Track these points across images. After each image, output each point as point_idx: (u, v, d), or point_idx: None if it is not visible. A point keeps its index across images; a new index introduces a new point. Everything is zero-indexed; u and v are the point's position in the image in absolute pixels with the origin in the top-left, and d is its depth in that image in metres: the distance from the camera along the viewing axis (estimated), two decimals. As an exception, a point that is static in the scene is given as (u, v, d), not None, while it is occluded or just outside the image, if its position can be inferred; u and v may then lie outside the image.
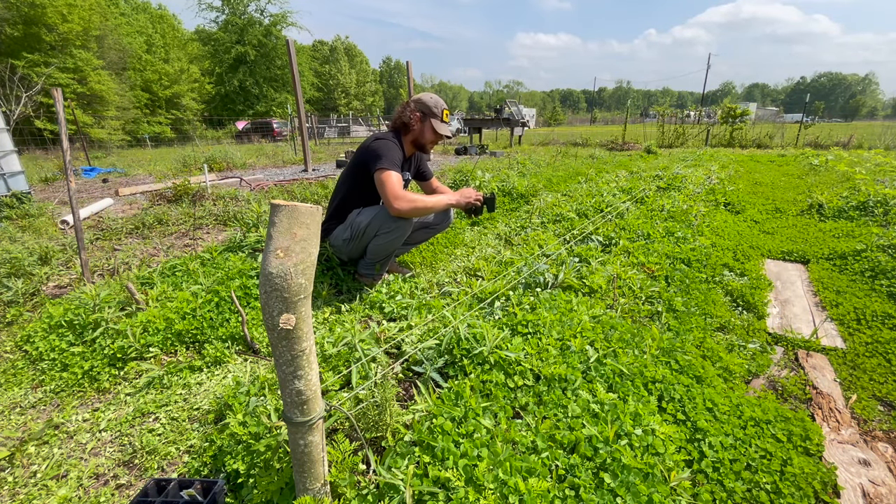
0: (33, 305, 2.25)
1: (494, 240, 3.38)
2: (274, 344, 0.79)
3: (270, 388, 1.35)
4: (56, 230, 3.74)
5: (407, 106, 2.29)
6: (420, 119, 2.26)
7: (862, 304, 2.17)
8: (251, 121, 25.68)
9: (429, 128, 2.27)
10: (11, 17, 18.70)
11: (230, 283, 2.06)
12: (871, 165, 6.33)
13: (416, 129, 2.28)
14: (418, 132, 2.29)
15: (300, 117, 7.85)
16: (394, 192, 2.04)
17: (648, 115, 42.64)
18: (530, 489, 0.94)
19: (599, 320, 1.73)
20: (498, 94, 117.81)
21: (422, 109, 2.26)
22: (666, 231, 3.09)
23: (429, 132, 2.28)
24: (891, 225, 3.36)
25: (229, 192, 4.91)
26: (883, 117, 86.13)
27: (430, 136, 2.29)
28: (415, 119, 2.26)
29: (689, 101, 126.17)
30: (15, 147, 4.63)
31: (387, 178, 2.05)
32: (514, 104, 15.79)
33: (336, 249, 2.38)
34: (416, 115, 2.26)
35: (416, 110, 2.26)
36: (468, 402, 1.21)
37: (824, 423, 1.42)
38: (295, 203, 0.72)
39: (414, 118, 2.25)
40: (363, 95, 51.72)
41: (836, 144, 12.35)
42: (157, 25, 30.79)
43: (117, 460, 1.29)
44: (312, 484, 0.93)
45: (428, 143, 2.33)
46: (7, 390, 1.62)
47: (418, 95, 2.30)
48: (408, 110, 2.26)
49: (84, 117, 19.27)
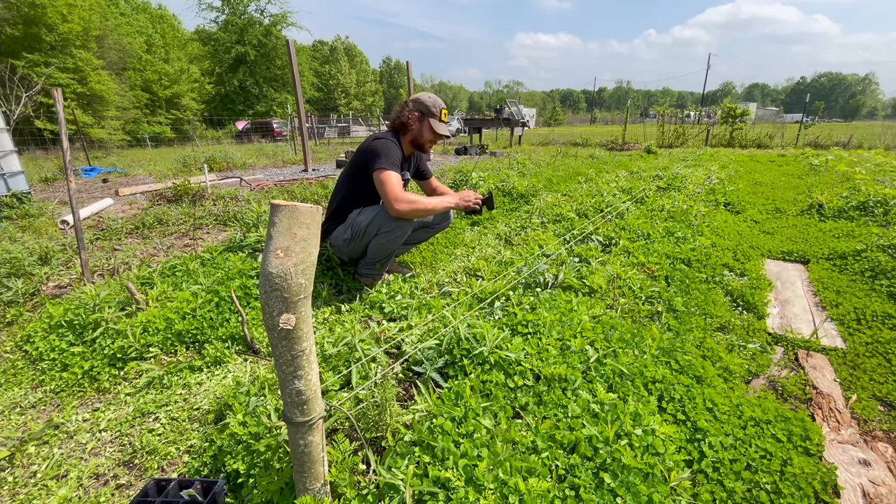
0: (33, 305, 2.25)
1: (494, 240, 3.38)
2: (274, 344, 0.79)
3: (270, 388, 1.35)
4: (56, 230, 3.74)
5: (406, 105, 2.28)
6: (418, 119, 2.26)
7: (862, 304, 2.17)
8: (251, 121, 25.67)
9: (427, 127, 2.26)
10: (11, 17, 18.71)
11: (230, 283, 2.06)
12: (871, 165, 6.33)
13: (415, 129, 2.27)
14: (417, 132, 2.28)
15: (300, 117, 7.85)
16: (393, 192, 2.04)
17: (648, 115, 42.63)
18: (530, 489, 0.94)
19: (599, 320, 1.73)
20: (498, 94, 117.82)
21: (420, 109, 2.25)
22: (666, 231, 3.08)
23: (427, 132, 2.27)
24: (891, 225, 3.36)
25: (229, 192, 4.91)
26: (883, 117, 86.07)
27: (429, 135, 2.28)
28: (413, 119, 2.25)
29: (689, 101, 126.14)
30: (15, 147, 4.63)
31: (386, 178, 2.05)
32: (514, 104, 15.79)
33: (337, 249, 2.38)
34: (415, 115, 2.25)
35: (415, 110, 2.25)
36: (468, 402, 1.21)
37: (824, 423, 1.42)
38: (295, 203, 0.72)
39: (412, 118, 2.25)
40: (363, 95, 51.71)
41: (836, 144, 12.36)
42: (157, 25, 30.79)
43: (117, 460, 1.29)
44: (312, 484, 0.93)
45: (426, 142, 2.32)
46: (7, 390, 1.62)
47: (417, 95, 2.29)
48: (406, 110, 2.26)
49: (84, 117, 19.27)
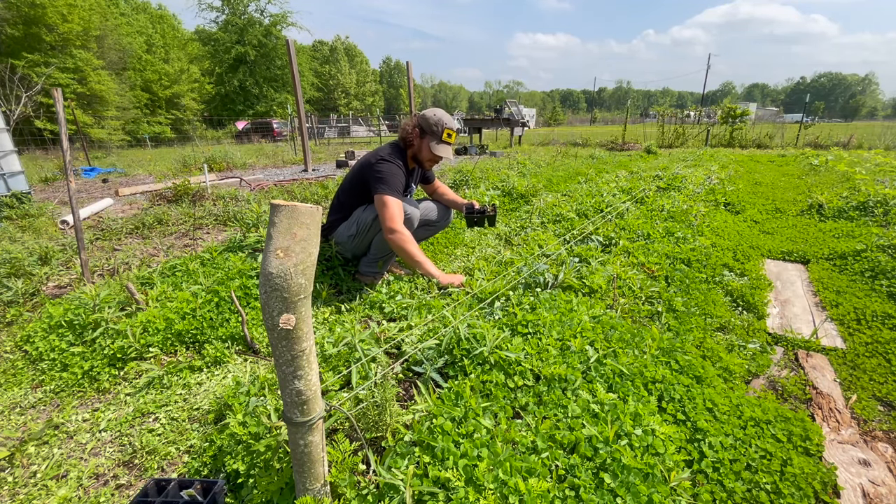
0: (33, 305, 2.25)
1: (494, 240, 3.38)
2: (274, 344, 0.79)
3: (270, 388, 1.35)
4: (56, 230, 3.74)
5: (411, 119, 2.25)
6: (419, 135, 2.22)
7: (862, 305, 2.17)
8: (251, 121, 25.70)
9: (426, 146, 2.21)
10: (12, 17, 18.73)
11: (230, 283, 2.06)
12: (871, 165, 6.32)
13: (415, 146, 2.25)
14: (416, 149, 2.25)
15: (300, 117, 7.85)
16: (392, 220, 2.05)
17: (648, 115, 42.66)
18: (530, 489, 0.94)
19: (599, 320, 1.73)
20: (498, 94, 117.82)
21: (421, 125, 2.21)
22: (666, 231, 3.08)
23: (425, 150, 2.22)
24: (891, 225, 3.36)
25: (229, 192, 4.91)
26: (883, 117, 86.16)
27: (427, 154, 2.23)
28: (414, 135, 2.22)
29: (689, 102, 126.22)
30: (15, 147, 4.63)
31: (387, 202, 2.06)
32: (514, 104, 15.80)
33: (340, 246, 2.38)
34: (416, 132, 2.21)
35: (416, 126, 2.21)
36: (468, 403, 1.21)
37: (824, 424, 1.42)
38: (295, 203, 0.72)
39: (413, 134, 2.21)
40: (363, 95, 51.74)
41: (836, 144, 12.36)
42: (157, 25, 30.83)
43: (117, 460, 1.29)
44: (312, 484, 0.93)
45: (425, 161, 2.28)
46: (7, 390, 1.62)
47: (425, 111, 2.23)
48: (409, 125, 2.22)
49: (84, 117, 19.28)
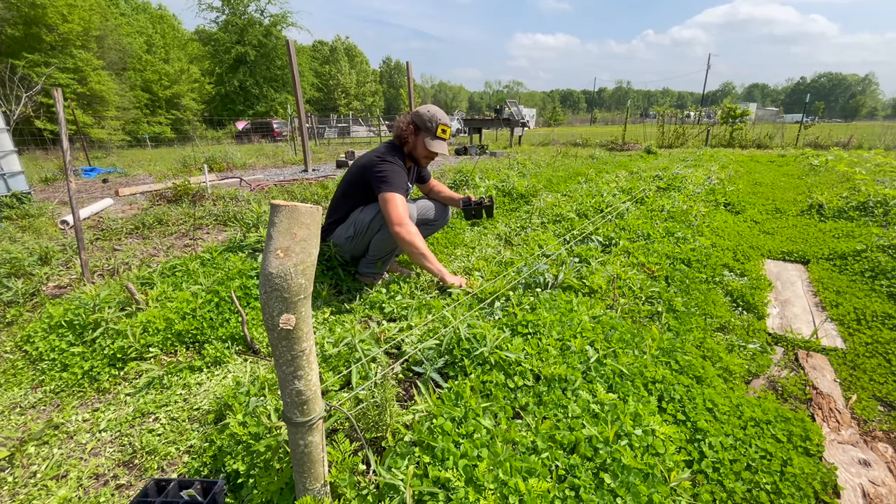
0: (33, 305, 2.25)
1: (494, 240, 3.38)
2: (274, 344, 0.79)
3: (270, 388, 1.35)
4: (56, 230, 3.74)
5: (406, 117, 2.25)
6: (413, 132, 2.21)
7: (862, 305, 2.17)
8: (251, 121, 25.69)
9: (420, 143, 2.21)
10: (12, 17, 18.72)
11: (230, 283, 2.06)
12: (871, 166, 6.32)
13: (410, 143, 2.24)
14: (411, 146, 2.24)
15: (300, 117, 7.85)
16: (398, 216, 2.05)
17: (648, 115, 42.63)
18: (530, 489, 0.94)
19: (599, 320, 1.73)
20: (498, 95, 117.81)
21: (415, 122, 2.20)
22: (666, 231, 3.08)
23: (421, 147, 2.22)
24: (891, 225, 3.36)
25: (229, 193, 4.91)
26: (883, 117, 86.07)
27: (422, 151, 2.23)
28: (408, 132, 2.21)
29: (689, 102, 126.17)
30: (15, 147, 4.63)
31: (392, 198, 2.06)
32: (514, 104, 15.80)
33: (339, 248, 2.38)
34: (410, 129, 2.20)
35: (411, 122, 2.21)
36: (468, 403, 1.21)
37: (824, 424, 1.42)
38: (295, 203, 0.72)
39: (408, 131, 2.20)
40: (363, 96, 51.72)
41: (836, 145, 12.36)
42: (157, 26, 30.81)
43: (117, 460, 1.29)
44: (312, 484, 0.93)
45: (421, 157, 2.27)
46: (7, 390, 1.62)
47: (419, 107, 2.23)
48: (404, 122, 2.22)
49: (84, 117, 19.26)
